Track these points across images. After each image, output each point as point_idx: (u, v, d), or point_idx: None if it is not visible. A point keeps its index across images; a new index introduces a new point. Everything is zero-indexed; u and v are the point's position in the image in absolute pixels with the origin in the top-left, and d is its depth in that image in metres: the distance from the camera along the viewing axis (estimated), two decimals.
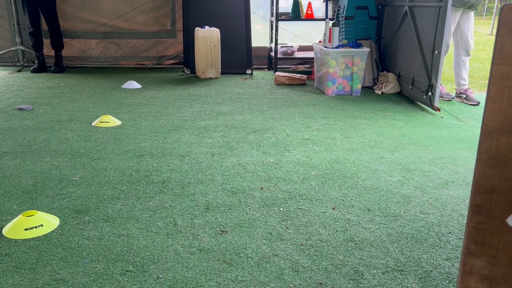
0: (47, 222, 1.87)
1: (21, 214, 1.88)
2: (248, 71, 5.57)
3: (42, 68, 5.46)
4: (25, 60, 5.87)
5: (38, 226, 1.83)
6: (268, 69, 6.03)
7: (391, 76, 4.70)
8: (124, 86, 4.71)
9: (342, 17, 4.89)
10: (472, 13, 4.19)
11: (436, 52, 3.77)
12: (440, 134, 3.27)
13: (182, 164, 2.60)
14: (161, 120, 3.50)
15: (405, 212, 2.07)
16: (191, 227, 1.90)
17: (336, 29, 4.41)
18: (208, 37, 5.06)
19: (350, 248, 1.76)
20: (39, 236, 1.80)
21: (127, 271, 1.60)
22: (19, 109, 3.71)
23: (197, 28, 5.18)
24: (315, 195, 2.23)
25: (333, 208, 2.09)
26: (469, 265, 0.98)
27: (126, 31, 5.88)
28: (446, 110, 4.00)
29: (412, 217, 2.02)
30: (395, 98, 4.36)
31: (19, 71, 5.52)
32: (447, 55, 4.16)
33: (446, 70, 5.98)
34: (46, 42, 5.46)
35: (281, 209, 2.08)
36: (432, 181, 2.42)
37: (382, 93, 4.59)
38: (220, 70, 5.27)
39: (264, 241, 1.80)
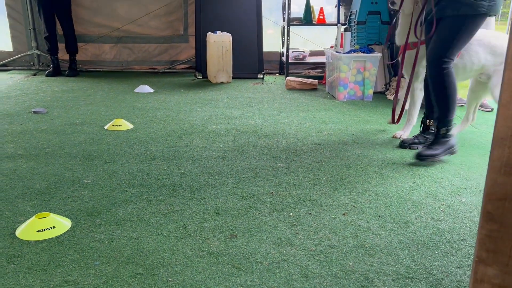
0: (59, 224, 1.90)
1: (34, 216, 1.91)
2: (260, 76, 5.58)
3: (56, 72, 5.54)
4: (40, 64, 5.97)
5: (51, 228, 1.86)
6: (280, 74, 6.04)
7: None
8: (136, 90, 4.75)
9: (354, 22, 4.88)
10: (492, 19, 4.10)
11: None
12: None
13: (193, 168, 2.61)
14: (173, 124, 3.53)
15: (416, 218, 2.05)
16: (201, 231, 1.91)
17: (348, 34, 4.40)
18: (220, 42, 5.09)
19: (360, 255, 1.75)
20: (51, 238, 1.82)
21: (137, 274, 1.61)
22: (34, 112, 3.77)
23: (209, 33, 5.21)
24: (325, 201, 2.22)
25: (344, 214, 2.08)
26: (480, 273, 0.97)
27: (139, 35, 5.95)
28: (459, 116, 3.96)
29: (423, 224, 2.00)
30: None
31: (34, 75, 5.61)
32: None
33: None
34: (61, 46, 5.55)
35: (291, 214, 2.08)
36: (444, 188, 2.40)
37: None
38: (231, 75, 5.29)
39: (273, 246, 1.80)
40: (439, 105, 2.69)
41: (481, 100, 3.22)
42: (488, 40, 2.91)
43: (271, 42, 6.10)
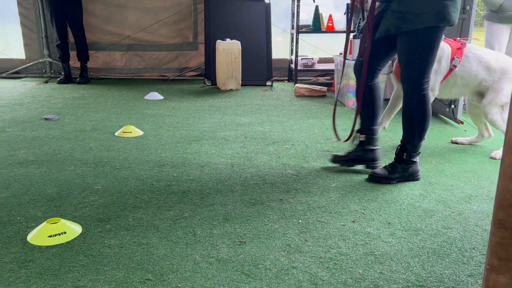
0: (70, 229, 1.91)
1: (45, 221, 1.93)
2: (268, 83, 5.60)
3: (68, 79, 5.62)
4: (52, 71, 6.05)
5: (62, 233, 1.87)
6: (288, 80, 6.05)
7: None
8: (146, 97, 4.79)
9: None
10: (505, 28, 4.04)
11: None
12: (463, 148, 3.21)
13: (202, 174, 2.62)
14: (182, 130, 3.55)
15: (426, 226, 2.04)
16: (210, 237, 1.91)
17: (357, 41, 4.40)
18: (229, 49, 5.13)
19: (370, 262, 1.74)
20: (62, 243, 1.84)
21: (147, 279, 1.61)
22: (46, 119, 3.82)
23: (218, 41, 5.25)
24: (334, 208, 2.21)
25: (353, 221, 2.07)
26: (492, 282, 0.96)
27: (150, 43, 6.01)
28: (470, 123, 3.93)
29: (434, 232, 1.98)
30: None
31: (46, 82, 5.69)
32: None
33: None
34: (73, 54, 5.63)
35: (300, 221, 2.07)
36: (454, 195, 2.38)
37: None
38: (240, 82, 5.32)
39: (282, 253, 1.80)
40: (408, 129, 2.46)
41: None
42: (481, 56, 2.87)
43: (280, 49, 6.12)
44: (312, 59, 5.84)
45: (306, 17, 6.01)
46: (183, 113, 4.15)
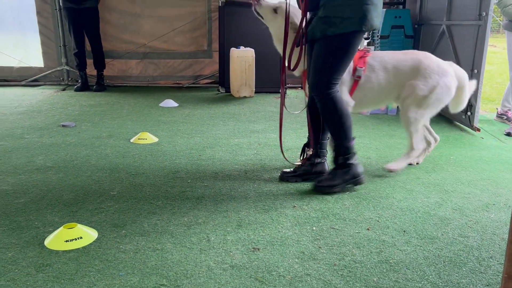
0: (86, 234, 1.94)
1: (62, 226, 1.96)
2: None
3: (85, 87, 5.72)
4: (69, 79, 6.17)
5: (78, 238, 1.90)
6: (302, 87, 6.05)
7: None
8: (161, 104, 4.85)
9: (377, 36, 4.87)
10: None
11: (476, 71, 3.68)
12: (480, 155, 3.17)
13: (216, 180, 2.64)
14: (196, 137, 3.58)
15: (442, 234, 2.01)
16: (224, 243, 1.92)
17: (371, 48, 4.39)
18: (243, 57, 5.16)
19: (384, 270, 1.72)
20: (78, 248, 1.86)
21: (161, 285, 1.62)
22: (63, 125, 3.89)
23: (232, 49, 5.29)
24: (349, 215, 2.20)
25: (368, 229, 2.06)
26: None
27: (165, 51, 6.08)
28: (487, 130, 3.87)
29: (450, 240, 1.96)
30: (433, 117, 4.26)
31: (64, 89, 5.80)
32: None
33: (487, 89, 5.81)
34: (89, 62, 5.73)
35: (314, 228, 2.06)
36: (471, 203, 2.34)
37: None
38: (254, 89, 5.34)
39: (296, 260, 1.79)
40: (332, 133, 2.46)
41: (426, 123, 2.91)
42: (386, 61, 2.68)
43: None
44: None
45: None
46: (197, 120, 4.18)
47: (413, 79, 2.68)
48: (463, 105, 2.87)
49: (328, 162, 2.67)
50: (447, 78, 2.68)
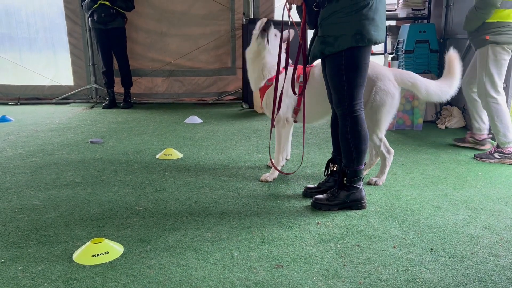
0: (112, 249, 1.97)
1: (89, 241, 2.00)
2: None
3: (112, 104, 5.88)
4: (97, 97, 6.35)
5: (105, 253, 1.94)
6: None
7: (455, 110, 4.53)
8: (186, 121, 4.92)
9: (402, 51, 4.84)
10: None
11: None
12: (511, 171, 3.08)
13: (239, 196, 2.65)
14: (220, 153, 3.61)
15: (472, 253, 1.95)
16: (247, 259, 1.91)
17: (396, 63, 4.37)
18: None
19: None
20: (105, 263, 1.90)
21: None
22: (91, 142, 3.99)
23: None
24: (374, 232, 2.16)
25: (394, 247, 2.02)
26: None
27: (190, 69, 6.20)
28: None
29: (480, 259, 1.90)
30: (460, 133, 4.18)
31: (92, 107, 5.97)
32: None
33: None
34: (117, 80, 5.89)
35: (338, 245, 2.04)
36: (502, 221, 2.27)
37: (445, 127, 4.42)
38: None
39: (320, 278, 1.77)
40: (345, 152, 2.40)
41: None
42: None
43: None
44: None
45: None
46: (221, 136, 4.22)
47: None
48: (439, 96, 2.76)
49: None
50: (383, 82, 2.67)
